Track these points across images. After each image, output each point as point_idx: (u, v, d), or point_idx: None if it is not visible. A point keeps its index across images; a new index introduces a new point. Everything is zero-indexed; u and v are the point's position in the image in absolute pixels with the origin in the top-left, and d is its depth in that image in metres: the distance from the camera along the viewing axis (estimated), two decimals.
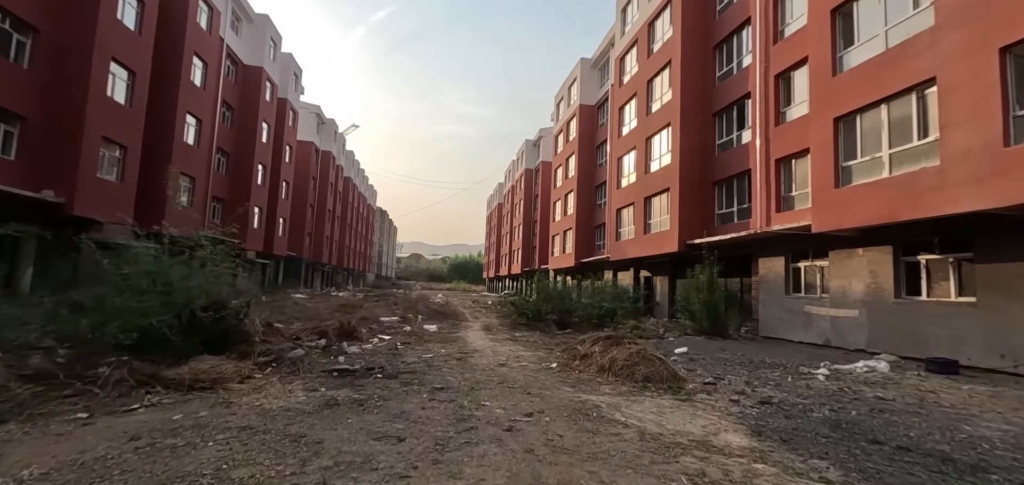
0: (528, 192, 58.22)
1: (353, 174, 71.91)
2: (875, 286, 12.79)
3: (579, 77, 38.25)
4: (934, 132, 10.35)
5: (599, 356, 9.34)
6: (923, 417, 6.46)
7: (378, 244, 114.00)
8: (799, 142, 15.81)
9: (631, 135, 26.79)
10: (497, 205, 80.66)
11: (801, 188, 15.98)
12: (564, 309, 18.48)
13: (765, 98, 17.52)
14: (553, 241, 43.79)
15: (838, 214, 12.63)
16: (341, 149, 62.90)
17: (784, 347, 14.28)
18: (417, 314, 19.75)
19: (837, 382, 8.75)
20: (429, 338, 13.51)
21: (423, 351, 10.86)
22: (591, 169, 36.70)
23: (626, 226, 27.12)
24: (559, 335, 15.86)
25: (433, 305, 24.61)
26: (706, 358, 11.45)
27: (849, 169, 12.60)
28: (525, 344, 13.13)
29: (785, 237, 15.98)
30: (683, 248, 20.64)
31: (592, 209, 36.17)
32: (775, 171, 16.93)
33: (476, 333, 15.54)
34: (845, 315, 13.65)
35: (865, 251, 13.15)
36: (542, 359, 10.43)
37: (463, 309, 27.28)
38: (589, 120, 37.36)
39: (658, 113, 23.53)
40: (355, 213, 75.03)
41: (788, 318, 15.92)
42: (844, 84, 12.68)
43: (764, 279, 17.28)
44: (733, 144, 19.92)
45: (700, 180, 21.06)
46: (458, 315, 22.08)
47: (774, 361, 11.14)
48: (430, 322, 17.80)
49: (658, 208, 23.30)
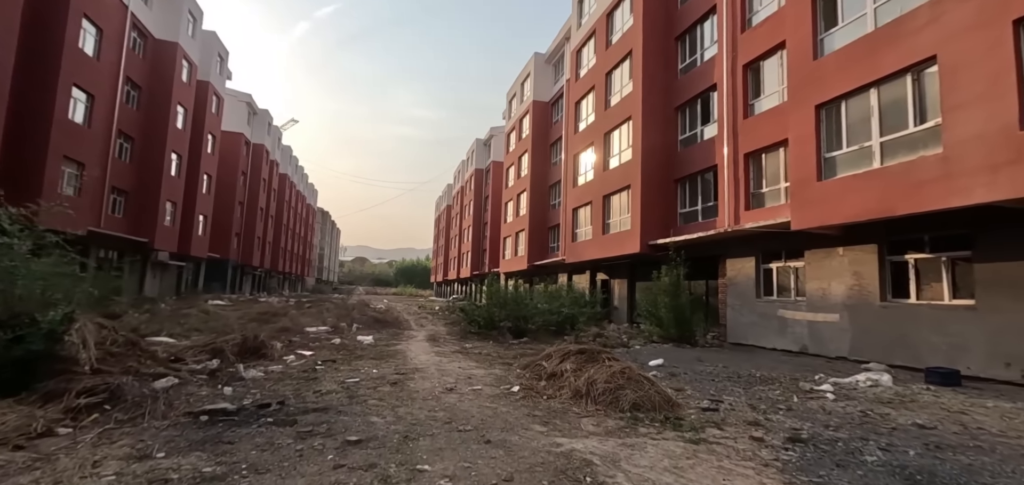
0: (478, 193, 56.17)
1: (291, 171, 67.00)
2: (858, 288, 11.80)
3: (532, 72, 36.75)
4: (935, 117, 9.34)
5: (572, 376, 7.47)
6: (990, 454, 5.06)
7: (319, 247, 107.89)
8: (770, 135, 14.82)
9: (588, 131, 25.44)
10: (446, 207, 78.02)
11: (772, 184, 15.00)
12: (520, 316, 16.59)
13: (733, 90, 16.51)
14: (505, 243, 41.98)
15: (821, 210, 11.54)
16: (277, 143, 58.23)
17: (759, 355, 13.10)
18: (352, 323, 17.20)
19: (852, 402, 7.36)
20: (361, 353, 11.18)
21: (349, 372, 8.57)
22: (545, 168, 35.22)
23: (583, 227, 25.70)
24: (515, 345, 13.95)
25: (373, 312, 22.01)
26: (687, 372, 9.90)
27: (833, 161, 11.54)
28: (478, 358, 11.10)
29: (756, 237, 14.93)
30: (645, 249, 19.35)
31: (546, 209, 34.67)
32: (744, 166, 15.90)
33: (420, 345, 13.32)
34: (824, 319, 12.63)
35: (846, 250, 12.17)
36: (500, 379, 8.45)
37: (407, 316, 24.82)
38: (543, 117, 35.90)
39: (618, 107, 22.26)
40: (292, 213, 69.95)
41: (760, 323, 14.84)
42: (827, 68, 11.63)
43: (732, 281, 16.19)
44: (697, 139, 18.87)
45: (662, 177, 19.89)
46: (400, 323, 19.68)
47: (764, 374, 9.74)
48: (366, 332, 15.35)
49: (618, 207, 21.98)
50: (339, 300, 28.37)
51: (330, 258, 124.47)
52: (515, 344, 14.27)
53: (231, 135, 44.71)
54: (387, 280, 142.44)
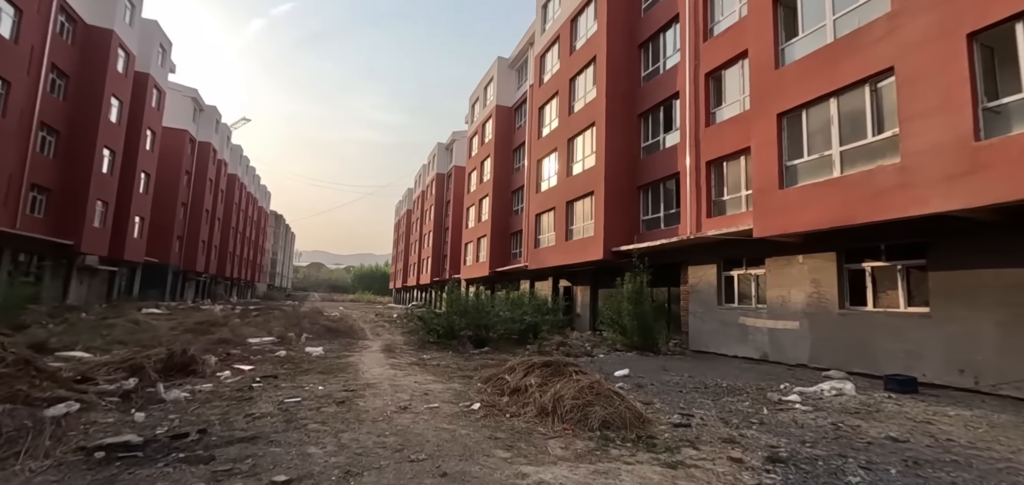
0: (439, 198, 55.19)
1: (241, 171, 63.78)
2: (817, 296, 11.91)
3: (496, 77, 36.36)
4: (893, 127, 9.48)
5: (537, 392, 6.95)
6: (968, 470, 4.89)
7: (272, 251, 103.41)
8: (732, 143, 14.93)
9: (552, 136, 25.21)
10: (406, 212, 76.40)
11: (734, 192, 15.10)
12: (481, 324, 15.99)
13: (695, 98, 16.60)
14: (466, 249, 41.24)
15: (783, 218, 11.58)
16: (226, 142, 55.26)
17: (721, 363, 13.04)
18: (301, 333, 16.07)
19: (821, 414, 7.20)
20: (308, 367, 10.26)
21: (291, 390, 7.72)
22: (508, 173, 34.82)
23: (546, 233, 25.39)
24: (476, 356, 13.33)
25: (326, 321, 20.83)
26: (653, 382, 9.60)
27: (795, 169, 11.62)
28: (436, 371, 10.42)
29: (717, 244, 14.97)
30: (608, 256, 19.19)
31: (508, 215, 34.24)
32: (706, 174, 15.97)
33: (374, 356, 12.48)
34: (784, 327, 12.70)
35: (806, 258, 12.28)
36: (459, 395, 7.82)
37: (363, 324, 23.71)
38: (506, 122, 35.53)
39: (581, 112, 22.11)
40: (243, 216, 66.56)
41: (721, 330, 14.85)
42: (788, 78, 11.74)
43: (694, 289, 16.19)
44: (659, 147, 18.91)
45: (625, 184, 19.83)
46: (355, 332, 18.64)
47: (730, 384, 9.56)
48: (316, 343, 14.32)
49: (581, 213, 21.78)
50: (290, 308, 26.85)
51: (284, 263, 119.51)
52: (476, 354, 13.65)
53: (174, 131, 41.96)
54: (344, 286, 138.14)
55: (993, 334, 8.64)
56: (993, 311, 8.65)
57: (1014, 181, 7.54)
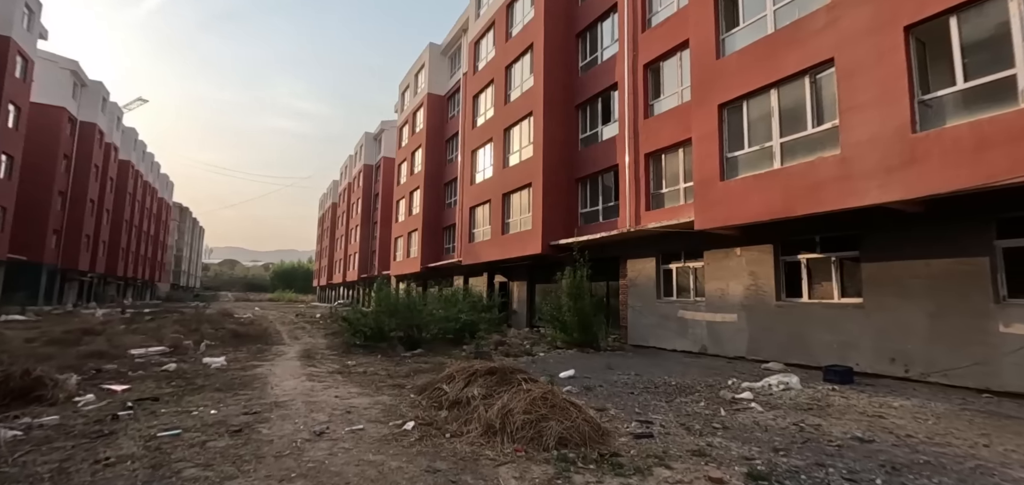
0: (367, 190, 52.41)
1: (136, 158, 56.82)
2: (755, 288, 11.96)
3: (428, 64, 34.74)
4: (833, 119, 9.51)
5: (482, 405, 5.99)
6: (945, 473, 4.61)
7: (176, 248, 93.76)
8: (670, 136, 14.81)
9: (487, 126, 24.26)
10: (331, 205, 72.09)
11: (672, 185, 15.00)
12: (413, 324, 14.74)
13: (634, 89, 16.37)
14: (396, 244, 39.28)
15: (724, 210, 11.47)
16: (116, 124, 48.76)
17: (663, 358, 12.82)
18: (201, 340, 13.90)
19: (778, 412, 6.87)
20: (203, 383, 8.57)
21: (172, 418, 6.17)
22: (440, 165, 33.40)
23: (481, 226, 24.43)
24: (408, 359, 12.12)
25: (234, 324, 18.49)
26: (602, 383, 8.99)
27: (735, 161, 11.54)
28: (362, 380, 9.12)
29: (656, 237, 14.82)
30: (547, 250, 18.61)
31: (441, 208, 32.87)
32: (645, 167, 15.79)
33: (289, 365, 10.88)
34: (723, 320, 12.70)
35: (744, 251, 12.31)
36: (389, 411, 6.67)
37: (279, 327, 21.47)
38: (438, 111, 34.06)
39: (518, 101, 21.35)
40: (139, 207, 59.36)
41: (660, 324, 14.72)
42: (730, 68, 11.63)
43: (633, 283, 15.99)
44: (598, 138, 18.59)
45: (564, 176, 19.34)
46: (269, 336, 16.62)
47: (679, 382, 9.16)
48: (218, 351, 12.37)
49: (518, 206, 21.05)
50: (194, 310, 23.74)
51: (191, 261, 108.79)
52: (408, 358, 12.44)
53: (47, 109, 36.22)
54: (262, 285, 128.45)
55: (922, 323, 8.89)
56: (922, 301, 8.90)
57: (948, 173, 7.67)
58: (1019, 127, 6.95)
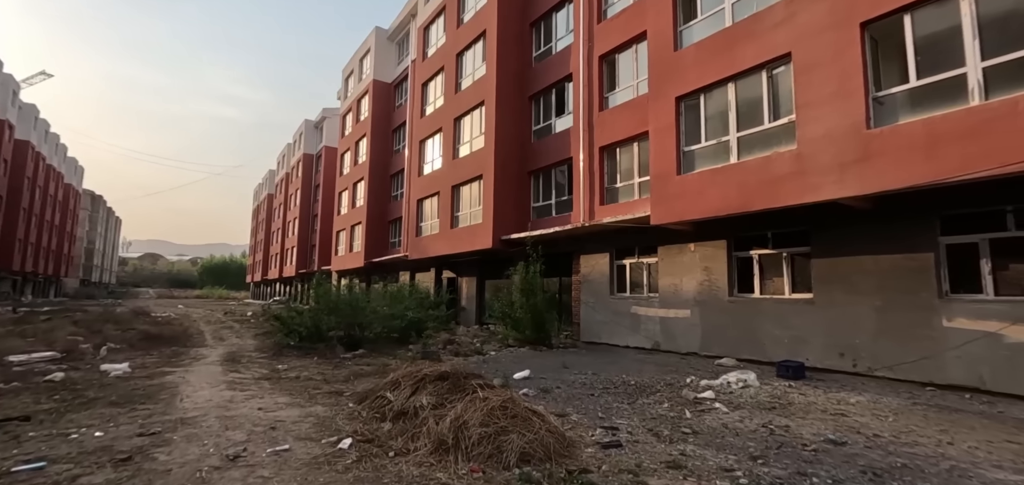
0: (307, 181, 49.57)
1: (37, 139, 50.62)
2: (708, 284, 11.90)
3: (373, 48, 33.06)
4: (789, 113, 9.49)
5: (432, 416, 5.24)
6: (921, 475, 4.40)
7: (86, 240, 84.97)
8: (625, 129, 14.58)
9: (437, 115, 23.25)
10: (267, 196, 67.76)
11: (627, 179, 14.79)
12: (355, 322, 13.63)
13: (589, 81, 16.03)
14: (338, 238, 37.25)
15: (681, 204, 11.29)
16: (10, 98, 43.10)
17: (617, 355, 12.54)
18: (102, 343, 12.11)
19: (742, 412, 6.60)
20: (96, 395, 7.22)
21: (41, 443, 4.98)
22: (386, 155, 31.90)
23: (429, 219, 23.41)
24: (349, 361, 11.09)
25: (147, 324, 16.48)
26: (560, 385, 8.46)
27: (692, 155, 11.39)
28: (293, 387, 8.07)
29: (610, 233, 14.56)
30: (498, 244, 17.97)
31: (387, 201, 31.40)
32: (599, 161, 15.49)
33: (207, 371, 9.56)
34: (676, 315, 12.59)
35: (698, 246, 12.24)
36: (323, 425, 5.77)
37: (203, 326, 19.51)
38: (384, 99, 32.51)
39: (470, 90, 20.54)
40: (40, 193, 52.95)
41: (613, 321, 14.48)
42: (687, 60, 11.46)
43: (586, 279, 15.67)
44: (551, 130, 18.15)
45: (516, 169, 18.76)
46: (188, 338, 14.89)
47: (638, 381, 8.80)
48: (122, 356, 10.75)
49: (468, 198, 20.26)
50: (102, 308, 21.09)
51: (106, 254, 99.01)
52: (348, 360, 11.39)
53: None
54: (189, 280, 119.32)
55: (870, 318, 9.03)
56: (870, 296, 9.04)
57: (902, 169, 7.73)
58: (970, 125, 7.06)
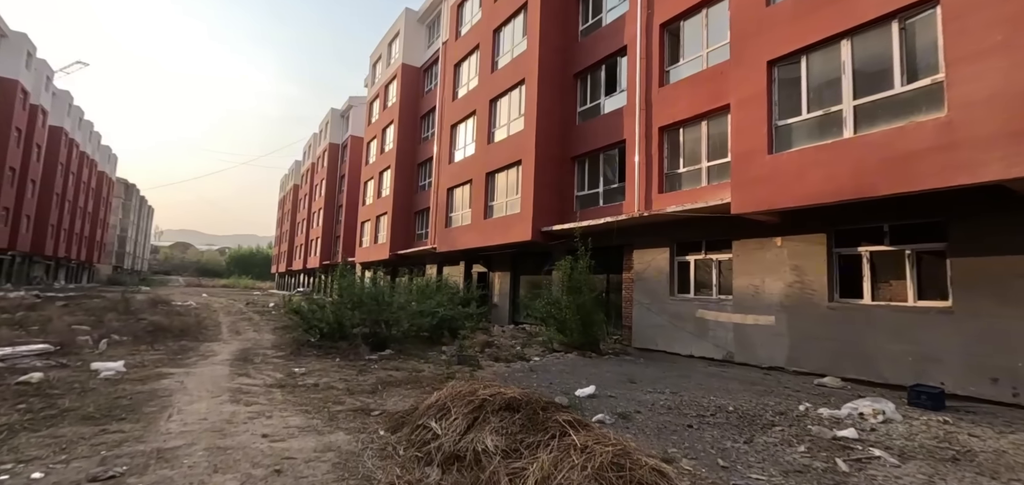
0: (332, 171, 48.76)
1: (70, 125, 51.14)
2: (800, 286, 9.96)
3: (403, 32, 31.68)
4: (932, 73, 7.51)
5: (504, 469, 3.58)
6: None
7: (119, 227, 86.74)
8: (692, 106, 12.68)
9: (470, 97, 21.65)
10: (293, 187, 67.56)
11: (692, 163, 12.89)
12: (381, 319, 12.13)
13: (647, 53, 14.16)
14: (362, 229, 36.13)
15: (771, 189, 9.38)
16: (44, 84, 43.41)
17: (684, 367, 10.72)
18: (106, 335, 10.87)
19: (921, 465, 4.75)
20: (72, 405, 5.82)
21: None
22: (414, 143, 30.52)
23: (459, 210, 21.85)
24: (375, 364, 9.57)
25: (159, 314, 15.35)
26: (639, 409, 6.71)
27: (787, 130, 9.46)
28: (309, 401, 6.54)
29: (670, 224, 12.73)
30: (538, 236, 16.26)
31: (413, 191, 30.03)
32: (657, 142, 13.62)
33: (212, 373, 8.14)
34: (756, 322, 10.68)
35: (785, 241, 10.30)
36: (345, 466, 4.18)
37: (222, 317, 18.37)
38: (413, 84, 31.11)
39: (508, 68, 18.85)
40: (74, 180, 53.62)
41: (673, 325, 12.63)
42: (782, 16, 9.52)
43: (640, 276, 13.85)
44: (599, 111, 16.33)
45: (558, 153, 17.02)
46: (200, 330, 13.65)
47: (736, 406, 6.98)
48: (125, 351, 9.45)
49: (504, 186, 18.61)
50: (120, 295, 20.22)
51: (138, 242, 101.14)
52: (374, 362, 9.88)
53: None
54: (217, 270, 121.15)
55: None
56: None
57: None
58: None
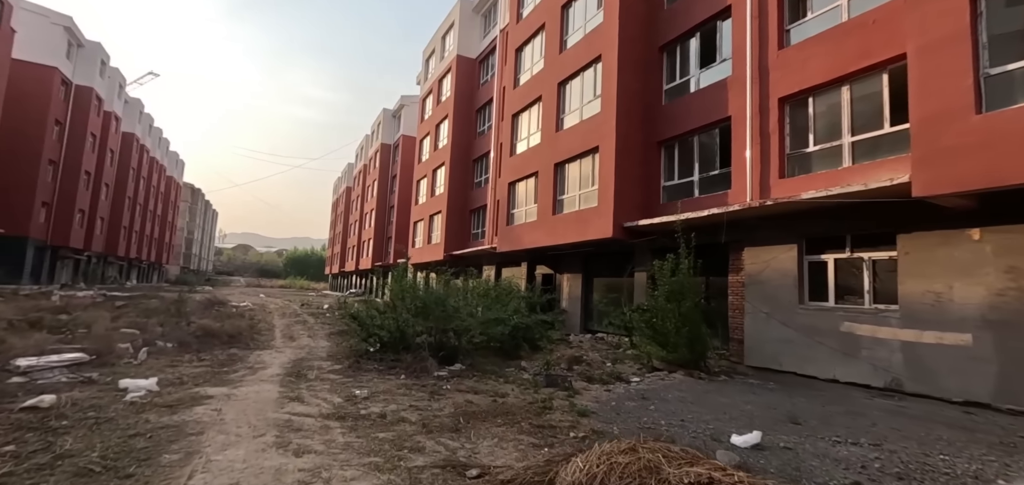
0: (384, 171, 48.34)
1: (141, 131, 53.51)
2: (1016, 293, 7.35)
3: (457, 22, 30.33)
4: None
5: None
6: None
7: (186, 230, 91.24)
8: (827, 67, 10.22)
9: (534, 83, 19.78)
10: (345, 189, 68.30)
11: (828, 139, 10.39)
12: (449, 328, 10.40)
13: (760, 11, 11.77)
14: (415, 229, 35.08)
15: (987, 161, 6.87)
16: (117, 92, 45.34)
17: (836, 396, 8.31)
18: (148, 340, 9.70)
19: None
20: (75, 444, 4.32)
21: None
22: (469, 137, 29.04)
23: (523, 206, 20.01)
24: (448, 386, 7.78)
25: (213, 317, 14.36)
26: (829, 472, 4.53)
27: (1008, 79, 6.92)
28: (377, 442, 4.76)
29: (796, 216, 10.31)
30: (619, 233, 14.12)
31: (469, 188, 28.53)
32: (778, 117, 11.20)
33: (259, 395, 6.59)
34: (939, 341, 8.11)
35: (987, 233, 7.71)
36: None
37: (277, 320, 17.36)
38: (469, 76, 29.66)
39: (580, 45, 16.82)
40: (145, 185, 56.14)
41: (805, 341, 10.17)
42: None
43: (755, 279, 11.44)
44: (690, 87, 14.03)
45: (641, 139, 14.82)
46: (253, 335, 12.44)
47: (986, 475, 4.66)
48: (166, 362, 8.16)
49: (576, 178, 16.58)
50: (176, 296, 19.78)
51: (203, 244, 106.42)
52: (445, 380, 8.12)
53: (34, 68, 32.76)
54: (275, 271, 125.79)
55: None
56: None
57: None
58: None
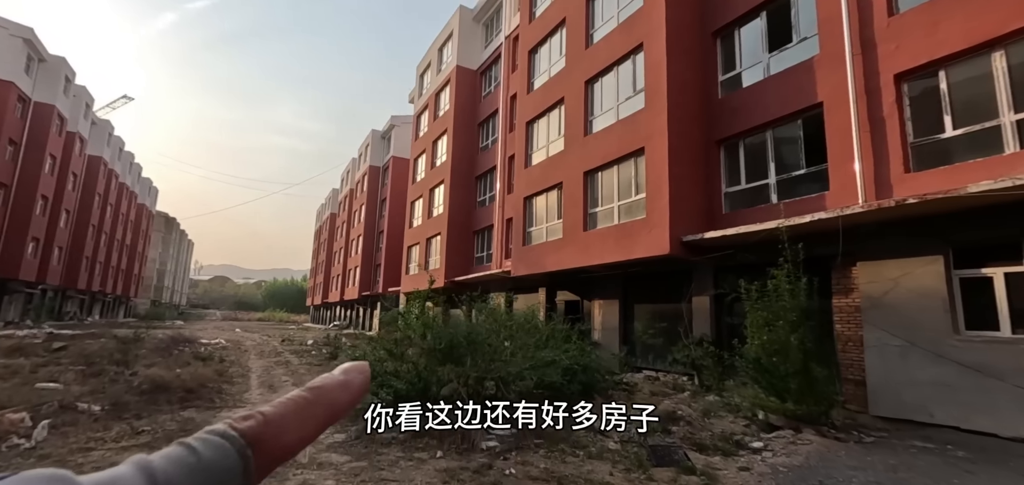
0: (373, 194, 45.47)
1: (110, 156, 49.86)
2: None
3: (457, 32, 28.20)
4: None
5: None
6: None
7: (159, 261, 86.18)
8: (965, 33, 8.03)
9: (554, 84, 17.48)
10: (329, 215, 64.97)
11: (975, 120, 8.12)
12: (490, 376, 7.63)
13: None
14: (409, 254, 32.15)
15: None
16: (84, 112, 41.99)
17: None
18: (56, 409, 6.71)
19: None
20: None
21: None
22: (471, 153, 26.57)
23: (542, 223, 17.44)
24: (511, 468, 4.99)
25: (174, 360, 11.27)
26: None
27: None
28: None
29: (933, 222, 7.97)
30: (676, 249, 11.62)
31: (471, 207, 25.92)
32: (894, 98, 8.95)
33: None
34: None
35: None
36: None
37: (252, 362, 14.25)
38: (470, 88, 27.38)
39: (614, 35, 14.59)
40: (112, 213, 52.11)
41: (966, 384, 7.67)
42: None
43: (878, 303, 8.96)
44: (756, 75, 11.82)
45: (699, 138, 12.51)
46: (221, 385, 9.41)
47: None
48: (71, 444, 5.24)
49: (613, 187, 14.11)
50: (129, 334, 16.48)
51: (177, 276, 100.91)
52: (499, 455, 5.34)
53: None
54: (254, 303, 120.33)
55: None
56: None
57: None
58: None
